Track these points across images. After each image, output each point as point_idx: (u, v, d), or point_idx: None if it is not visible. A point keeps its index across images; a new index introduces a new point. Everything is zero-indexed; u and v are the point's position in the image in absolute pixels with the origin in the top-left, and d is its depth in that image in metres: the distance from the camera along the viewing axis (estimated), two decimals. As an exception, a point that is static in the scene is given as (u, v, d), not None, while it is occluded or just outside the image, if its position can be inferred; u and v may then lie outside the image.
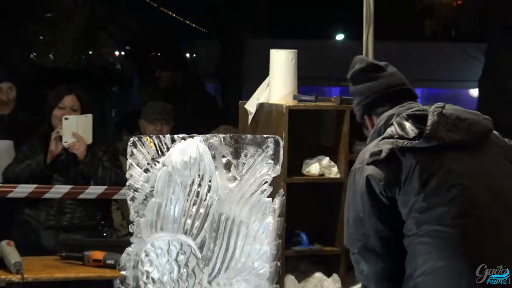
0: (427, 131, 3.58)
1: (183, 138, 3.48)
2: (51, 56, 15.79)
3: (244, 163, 3.41)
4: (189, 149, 3.45)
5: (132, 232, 3.55)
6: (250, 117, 5.48)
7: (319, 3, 21.17)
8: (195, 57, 20.87)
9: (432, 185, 3.58)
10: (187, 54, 20.20)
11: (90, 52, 16.25)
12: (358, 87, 3.90)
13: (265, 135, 3.41)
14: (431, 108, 3.66)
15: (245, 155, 3.42)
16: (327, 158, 5.36)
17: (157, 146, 3.50)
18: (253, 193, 3.39)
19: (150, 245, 3.50)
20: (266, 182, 3.38)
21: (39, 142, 5.97)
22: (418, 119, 3.62)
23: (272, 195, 3.37)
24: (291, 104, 5.25)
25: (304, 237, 5.37)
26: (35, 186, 5.87)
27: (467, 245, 3.59)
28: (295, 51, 5.38)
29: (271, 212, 3.39)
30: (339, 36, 24.50)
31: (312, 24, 21.98)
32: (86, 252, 5.09)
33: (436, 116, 3.61)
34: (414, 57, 22.41)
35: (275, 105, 5.29)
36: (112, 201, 6.26)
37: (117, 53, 18.72)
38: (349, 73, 3.95)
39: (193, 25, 19.53)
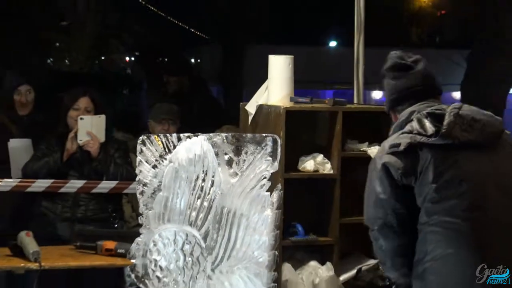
0: (443, 130, 3.60)
1: (189, 137, 3.48)
2: (67, 62, 15.80)
3: (245, 160, 3.41)
4: (194, 147, 3.45)
5: (141, 224, 3.54)
6: (250, 118, 5.47)
7: (315, 13, 21.19)
8: (200, 62, 20.88)
9: (445, 179, 3.59)
10: (192, 60, 20.21)
11: (103, 58, 16.27)
12: (386, 84, 3.94)
13: (264, 134, 3.41)
14: (449, 108, 3.68)
15: (246, 153, 3.41)
16: (321, 156, 5.36)
17: (165, 144, 3.50)
18: (253, 188, 3.39)
19: (158, 236, 3.50)
20: (265, 178, 3.37)
21: (56, 141, 5.97)
22: (437, 118, 3.65)
23: (271, 190, 3.37)
24: (288, 106, 5.25)
25: (300, 228, 5.36)
26: (52, 181, 5.86)
27: (475, 238, 3.58)
28: (292, 57, 5.38)
29: (270, 205, 3.39)
30: (332, 43, 24.51)
31: (308, 32, 22.00)
32: (99, 242, 5.08)
33: (453, 117, 3.63)
34: (401, 62, 22.39)
35: (273, 107, 5.29)
36: (123, 195, 6.25)
37: (127, 59, 18.73)
38: (382, 69, 3.96)
39: (198, 33, 19.54)
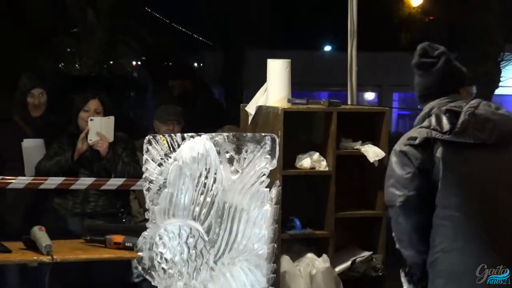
0: (457, 129, 3.60)
1: (192, 136, 3.47)
2: (77, 66, 15.77)
3: (245, 158, 3.40)
4: (197, 146, 3.44)
5: (148, 218, 3.53)
6: (250, 118, 5.46)
7: (311, 20, 21.18)
8: (202, 66, 20.87)
9: (454, 175, 3.59)
10: (195, 64, 20.21)
11: (111, 62, 16.24)
12: (414, 79, 3.94)
13: (263, 134, 3.40)
14: (465, 107, 3.66)
15: (246, 151, 3.40)
16: (317, 154, 5.35)
17: (169, 144, 3.49)
18: (253, 184, 3.37)
19: (164, 230, 3.49)
20: (264, 174, 3.36)
21: (67, 141, 5.96)
22: (454, 115, 3.64)
23: (270, 186, 3.36)
24: (286, 107, 5.24)
25: (298, 222, 5.35)
26: (64, 179, 5.86)
27: (481, 234, 3.55)
28: (289, 61, 5.37)
29: (269, 201, 3.38)
30: (327, 48, 24.51)
31: (304, 37, 22.01)
32: (108, 236, 5.07)
33: (468, 116, 3.62)
34: (392, 65, 22.40)
35: (272, 108, 5.28)
36: (130, 191, 6.24)
37: (134, 63, 18.71)
38: (412, 62, 3.95)
39: (200, 39, 19.54)
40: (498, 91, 16.98)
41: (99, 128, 5.84)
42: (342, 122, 5.34)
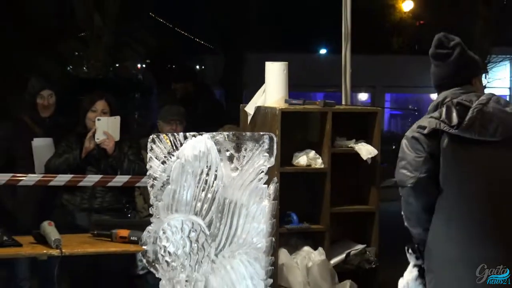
0: (463, 125, 3.57)
1: (194, 135, 3.47)
2: (85, 69, 15.76)
3: (244, 156, 3.40)
4: (199, 145, 3.44)
5: (152, 214, 3.53)
6: (249, 118, 5.46)
7: (307, 24, 21.18)
8: (204, 69, 20.86)
9: (457, 167, 3.57)
10: (197, 66, 20.19)
11: (117, 65, 16.24)
12: (431, 68, 3.91)
13: (262, 133, 3.40)
14: (475, 104, 3.63)
15: (245, 149, 3.40)
16: (313, 152, 5.35)
17: (172, 142, 3.49)
18: (252, 181, 3.37)
19: (167, 224, 3.49)
20: (263, 172, 3.36)
21: (75, 140, 5.95)
22: (464, 109, 3.62)
23: (268, 182, 3.36)
24: (283, 107, 5.24)
25: (295, 217, 5.35)
26: (72, 176, 5.85)
27: (475, 229, 3.51)
28: (286, 63, 5.37)
29: (267, 196, 3.37)
30: (323, 51, 24.50)
31: (301, 41, 22.00)
32: (114, 231, 5.06)
33: (475, 113, 3.59)
34: (385, 68, 22.41)
35: (270, 108, 5.28)
36: (136, 188, 6.23)
37: (139, 66, 18.71)
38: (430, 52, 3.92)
39: (202, 42, 19.53)
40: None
41: (106, 128, 5.84)
42: (337, 122, 5.34)
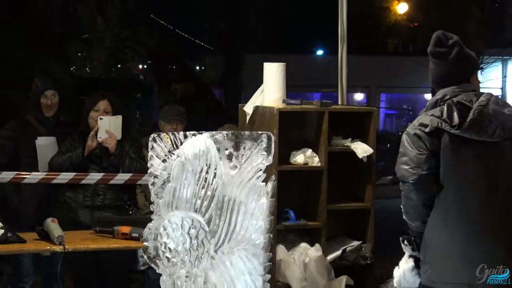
0: (465, 126, 3.57)
1: (194, 135, 3.46)
2: (88, 69, 15.77)
3: (243, 154, 3.40)
4: (199, 143, 3.43)
5: (153, 211, 3.53)
6: (248, 117, 5.46)
7: (304, 26, 21.19)
8: (204, 69, 20.86)
9: (457, 166, 3.56)
10: (197, 67, 20.19)
11: (119, 66, 16.24)
12: (430, 65, 3.91)
13: (260, 132, 3.40)
14: (475, 105, 3.62)
15: (244, 148, 3.40)
16: (310, 150, 5.34)
17: (173, 141, 3.49)
18: (250, 179, 3.37)
19: (167, 221, 3.49)
20: (261, 170, 3.36)
21: (78, 138, 5.94)
22: (465, 109, 3.61)
23: (266, 180, 3.35)
24: (281, 107, 5.23)
25: (292, 214, 5.35)
26: (75, 174, 5.84)
27: (476, 224, 3.51)
28: (284, 64, 5.37)
29: (265, 194, 3.37)
30: (319, 52, 24.50)
31: (298, 42, 22.00)
32: (116, 227, 5.05)
33: (476, 114, 3.58)
34: (380, 68, 22.40)
35: (268, 108, 5.27)
36: (137, 186, 6.22)
37: (140, 67, 18.71)
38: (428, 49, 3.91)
39: (202, 44, 19.53)
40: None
41: (108, 127, 5.83)
42: (333, 121, 5.34)
